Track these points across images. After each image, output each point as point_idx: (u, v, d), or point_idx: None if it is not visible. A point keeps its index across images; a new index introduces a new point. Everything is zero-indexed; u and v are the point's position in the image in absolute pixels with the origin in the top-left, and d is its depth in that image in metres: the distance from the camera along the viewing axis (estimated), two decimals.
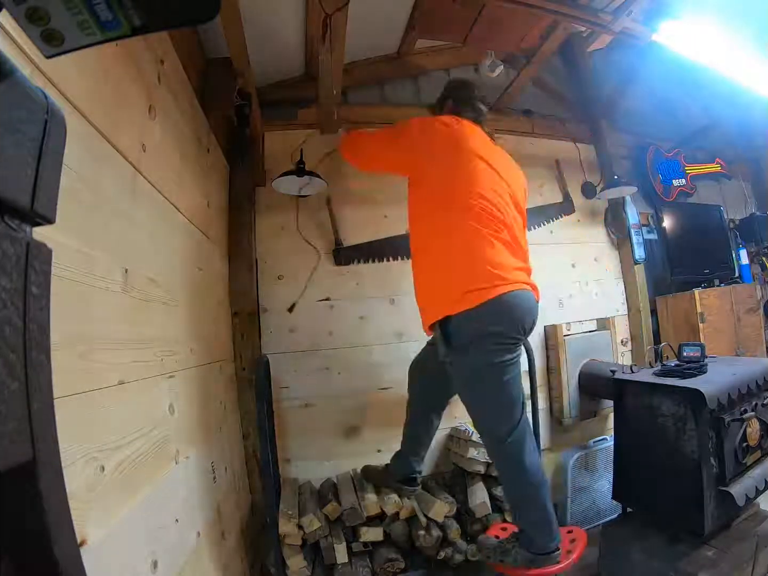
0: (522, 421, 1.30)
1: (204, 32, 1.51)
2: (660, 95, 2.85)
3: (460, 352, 1.26)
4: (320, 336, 1.97)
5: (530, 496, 1.28)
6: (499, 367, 1.25)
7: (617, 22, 1.75)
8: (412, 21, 1.98)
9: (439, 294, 1.31)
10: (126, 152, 0.86)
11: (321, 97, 1.81)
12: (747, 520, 1.46)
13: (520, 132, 2.40)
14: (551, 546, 1.27)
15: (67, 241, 0.64)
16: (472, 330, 1.24)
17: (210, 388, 1.41)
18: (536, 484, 1.28)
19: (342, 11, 1.25)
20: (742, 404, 1.44)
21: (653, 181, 2.74)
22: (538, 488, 1.28)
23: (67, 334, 0.63)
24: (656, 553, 1.40)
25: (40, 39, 0.30)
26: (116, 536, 0.70)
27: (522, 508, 1.32)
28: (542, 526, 1.27)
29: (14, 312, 0.26)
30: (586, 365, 2.15)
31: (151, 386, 0.93)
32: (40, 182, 0.29)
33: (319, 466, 1.89)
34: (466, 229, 1.27)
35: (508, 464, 1.32)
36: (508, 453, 1.29)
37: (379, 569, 1.50)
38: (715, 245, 2.86)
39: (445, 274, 1.30)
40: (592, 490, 2.05)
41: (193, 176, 1.37)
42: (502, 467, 1.36)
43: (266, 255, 1.96)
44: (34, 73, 0.56)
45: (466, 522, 1.63)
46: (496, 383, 1.26)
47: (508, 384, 1.28)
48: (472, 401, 1.34)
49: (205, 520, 1.19)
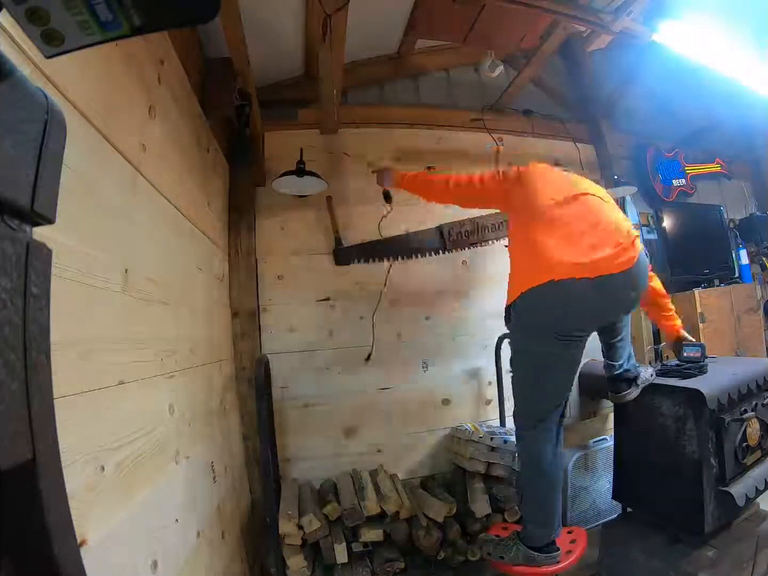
0: (555, 413, 1.34)
1: (204, 32, 1.51)
2: (660, 95, 2.85)
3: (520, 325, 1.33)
4: (320, 336, 1.97)
5: (539, 489, 1.32)
6: (553, 355, 1.29)
7: (617, 22, 1.75)
8: (412, 21, 1.98)
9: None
10: (126, 152, 0.86)
11: (321, 97, 1.81)
12: (747, 520, 1.46)
13: (520, 132, 2.40)
14: (549, 542, 1.30)
15: (67, 241, 0.64)
16: (528, 307, 1.27)
17: (210, 388, 1.41)
18: (549, 479, 1.31)
19: (342, 11, 1.25)
20: (742, 404, 1.44)
21: (653, 181, 2.74)
22: (549, 483, 1.31)
23: (67, 334, 0.63)
24: (656, 553, 1.40)
25: (40, 39, 0.30)
26: (116, 536, 0.70)
27: (528, 498, 1.35)
28: (544, 521, 1.30)
29: (14, 312, 0.26)
30: (586, 365, 2.14)
31: (151, 386, 0.93)
32: (40, 182, 0.29)
33: (319, 466, 1.89)
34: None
35: (528, 450, 1.35)
36: (531, 438, 1.34)
37: (379, 569, 1.50)
38: (715, 245, 2.86)
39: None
40: (592, 490, 2.05)
41: (193, 176, 1.37)
42: (521, 452, 1.40)
43: (266, 255, 1.96)
44: (34, 73, 0.56)
45: (466, 522, 1.63)
46: (546, 367, 1.30)
47: (556, 372, 1.31)
48: (521, 376, 1.38)
49: (205, 520, 1.19)
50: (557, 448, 1.35)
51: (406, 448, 1.98)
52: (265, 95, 1.94)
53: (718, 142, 3.04)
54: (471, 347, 2.11)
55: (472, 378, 2.12)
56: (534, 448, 1.33)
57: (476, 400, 2.12)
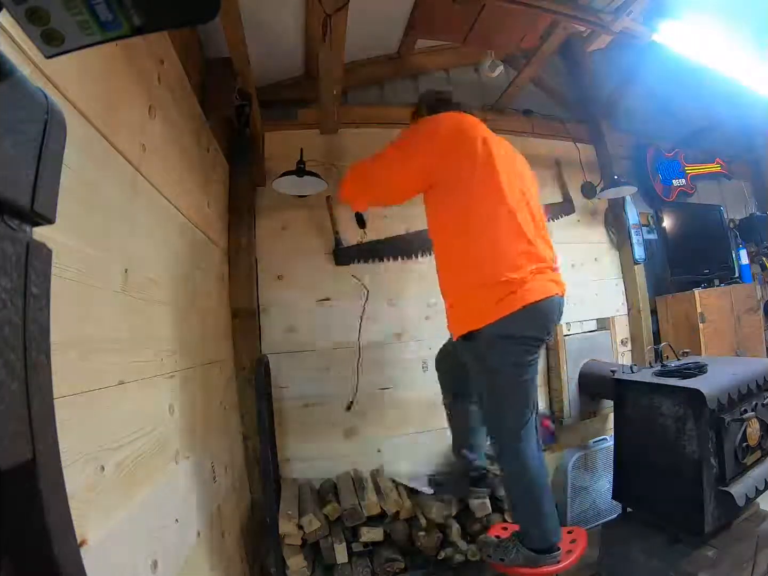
0: (531, 420, 1.31)
1: (204, 32, 1.51)
2: (660, 95, 2.85)
3: (484, 351, 1.28)
4: (320, 336, 1.97)
5: (533, 496, 1.29)
6: (521, 366, 1.28)
7: (617, 22, 1.75)
8: (412, 21, 1.98)
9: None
10: (126, 152, 0.86)
11: (321, 97, 1.81)
12: (747, 520, 1.46)
13: (520, 132, 2.39)
14: (551, 545, 1.27)
15: (67, 241, 0.64)
16: (498, 334, 1.24)
17: (210, 388, 1.41)
18: (539, 484, 1.30)
19: (342, 11, 1.25)
20: (742, 404, 1.43)
21: (653, 181, 2.74)
22: (540, 488, 1.30)
23: (67, 334, 0.63)
24: (656, 553, 1.40)
25: (40, 39, 0.30)
26: (116, 536, 0.70)
27: (523, 507, 1.33)
28: (543, 525, 1.28)
29: (14, 312, 0.26)
30: (586, 365, 2.15)
31: (151, 386, 0.93)
32: (40, 182, 0.29)
33: (319, 466, 1.88)
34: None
35: (512, 462, 1.33)
36: (514, 451, 1.31)
37: (379, 569, 1.50)
38: (715, 245, 2.86)
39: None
40: (592, 490, 2.05)
41: (193, 176, 1.37)
42: (506, 465, 1.37)
43: (266, 255, 1.96)
44: (34, 73, 0.56)
45: (466, 522, 1.63)
46: (515, 382, 1.28)
47: (526, 384, 1.30)
48: (489, 397, 1.35)
49: (205, 520, 1.19)
50: (539, 443, 1.34)
51: (407, 448, 1.98)
52: (265, 95, 1.94)
53: (718, 142, 3.04)
54: None
55: None
56: (520, 458, 1.30)
57: None
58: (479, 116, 1.50)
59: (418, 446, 1.98)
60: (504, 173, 1.31)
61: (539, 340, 1.29)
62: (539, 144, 2.44)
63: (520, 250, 1.26)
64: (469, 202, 1.30)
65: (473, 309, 1.28)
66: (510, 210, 1.28)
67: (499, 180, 1.29)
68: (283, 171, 1.76)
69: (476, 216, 1.29)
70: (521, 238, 1.27)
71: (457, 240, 1.32)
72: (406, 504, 1.57)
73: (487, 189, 1.29)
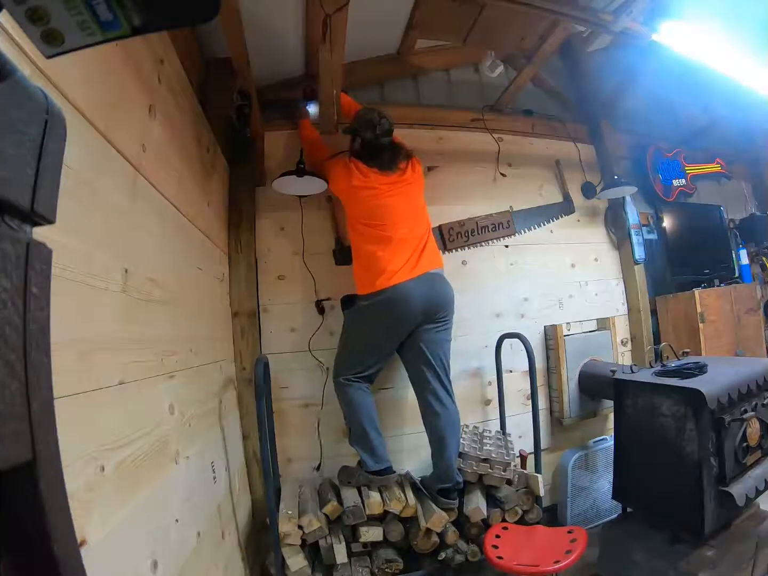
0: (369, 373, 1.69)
1: (204, 32, 1.51)
2: (660, 95, 2.85)
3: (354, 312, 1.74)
4: (320, 336, 1.97)
5: (359, 426, 1.62)
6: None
7: (617, 22, 1.74)
8: (412, 21, 1.98)
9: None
10: (126, 152, 0.86)
11: (321, 97, 1.81)
12: (747, 520, 1.46)
13: (520, 132, 2.40)
14: (383, 468, 1.60)
15: (67, 241, 0.64)
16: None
17: (210, 388, 1.41)
18: (362, 416, 1.63)
19: (342, 11, 1.25)
20: (742, 404, 1.43)
21: (653, 181, 2.74)
22: (363, 420, 1.62)
23: (67, 334, 0.62)
24: (656, 553, 1.40)
25: (40, 39, 0.30)
26: (116, 536, 0.70)
27: (354, 434, 1.65)
28: (371, 451, 1.61)
29: (14, 312, 0.26)
30: (586, 365, 2.15)
31: (151, 386, 0.93)
32: (40, 182, 0.29)
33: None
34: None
35: (341, 396, 1.68)
36: (343, 387, 1.66)
37: (378, 569, 1.50)
38: (715, 245, 2.86)
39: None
40: (592, 490, 2.05)
41: (193, 176, 1.37)
42: (339, 397, 1.70)
43: (266, 255, 1.96)
44: (34, 73, 0.56)
45: (464, 525, 1.63)
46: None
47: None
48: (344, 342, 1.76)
49: (205, 520, 1.19)
50: (368, 388, 1.70)
51: (407, 448, 1.98)
52: (265, 95, 1.94)
53: (718, 142, 3.04)
54: (471, 347, 2.11)
55: (472, 378, 2.12)
56: (350, 392, 1.65)
57: (476, 400, 2.12)
58: (479, 116, 1.51)
59: (418, 446, 1.98)
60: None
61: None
62: (539, 144, 2.44)
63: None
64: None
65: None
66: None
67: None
68: (283, 171, 1.76)
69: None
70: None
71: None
72: (411, 502, 1.57)
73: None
